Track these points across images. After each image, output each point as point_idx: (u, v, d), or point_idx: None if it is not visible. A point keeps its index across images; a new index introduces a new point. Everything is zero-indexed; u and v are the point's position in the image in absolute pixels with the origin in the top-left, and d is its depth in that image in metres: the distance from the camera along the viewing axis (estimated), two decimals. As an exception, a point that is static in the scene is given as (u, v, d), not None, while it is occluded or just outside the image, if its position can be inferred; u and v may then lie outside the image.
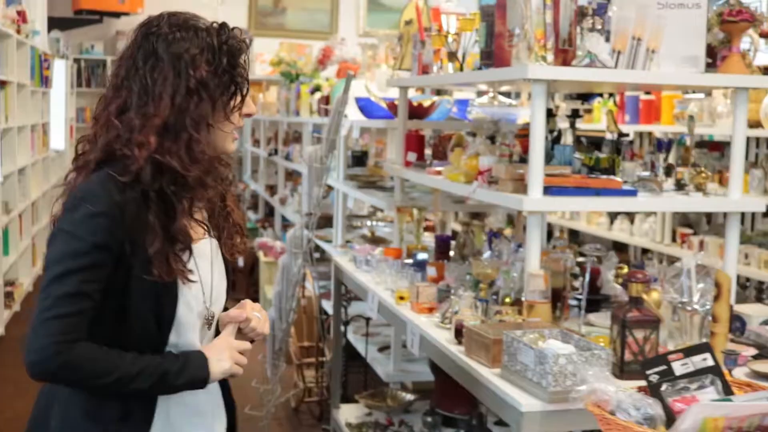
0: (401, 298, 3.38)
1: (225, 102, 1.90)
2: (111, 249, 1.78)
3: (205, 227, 1.99)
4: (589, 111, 7.46)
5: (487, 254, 3.58)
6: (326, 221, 7.33)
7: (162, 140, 1.82)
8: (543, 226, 3.09)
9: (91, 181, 1.83)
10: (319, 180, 4.38)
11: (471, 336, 2.68)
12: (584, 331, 2.92)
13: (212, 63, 1.86)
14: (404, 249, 4.08)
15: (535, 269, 2.88)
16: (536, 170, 2.85)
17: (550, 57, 2.86)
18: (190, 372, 1.87)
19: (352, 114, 5.75)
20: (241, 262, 8.27)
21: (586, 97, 6.82)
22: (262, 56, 13.22)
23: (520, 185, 2.99)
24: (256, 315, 2.04)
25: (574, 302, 3.27)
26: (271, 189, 10.01)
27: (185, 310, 1.90)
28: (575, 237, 8.02)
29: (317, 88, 7.29)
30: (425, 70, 3.98)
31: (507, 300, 3.06)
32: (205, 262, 1.95)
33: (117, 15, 12.34)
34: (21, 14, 8.01)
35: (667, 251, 6.46)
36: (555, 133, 3.70)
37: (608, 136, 3.94)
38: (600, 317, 3.13)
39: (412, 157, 4.15)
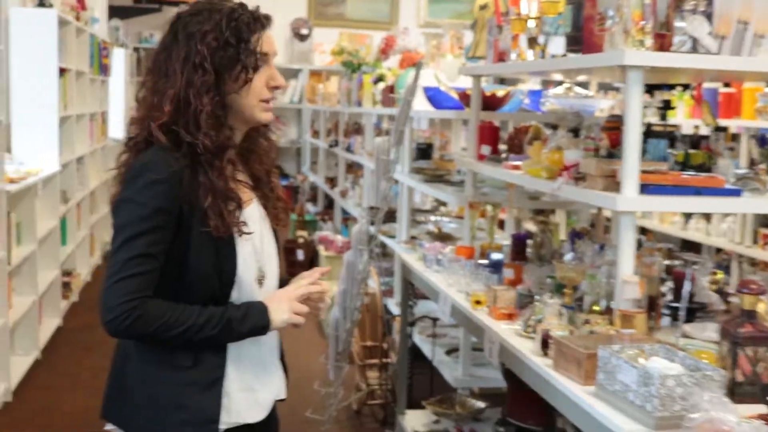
0: (477, 302, 3.15)
1: (237, 74, 2.04)
2: (171, 212, 1.97)
3: (252, 194, 2.17)
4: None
5: (569, 256, 3.32)
6: (388, 216, 7.11)
7: (174, 110, 2.02)
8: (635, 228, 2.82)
9: (147, 154, 2.02)
10: (386, 173, 4.16)
11: (560, 348, 2.44)
12: (682, 344, 2.65)
13: (219, 39, 2.02)
14: (477, 248, 3.84)
15: (629, 275, 2.62)
16: (631, 166, 2.60)
17: (648, 41, 2.60)
18: (253, 319, 2.03)
19: (418, 104, 5.52)
20: (300, 255, 8.09)
21: (654, 88, 6.48)
22: (322, 46, 13.06)
23: (612, 182, 2.73)
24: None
25: (665, 310, 3.02)
26: (331, 181, 9.83)
27: (244, 266, 2.07)
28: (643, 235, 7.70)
29: (380, 78, 7.07)
30: (501, 57, 3.73)
31: (595, 308, 2.81)
32: (254, 225, 2.11)
33: (176, 4, 12.23)
34: (80, 1, 7.91)
35: (747, 253, 6.14)
36: (644, 127, 3.42)
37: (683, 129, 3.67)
38: (696, 328, 2.85)
39: (486, 150, 3.91)
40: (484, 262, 3.60)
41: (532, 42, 3.47)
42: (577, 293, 3.01)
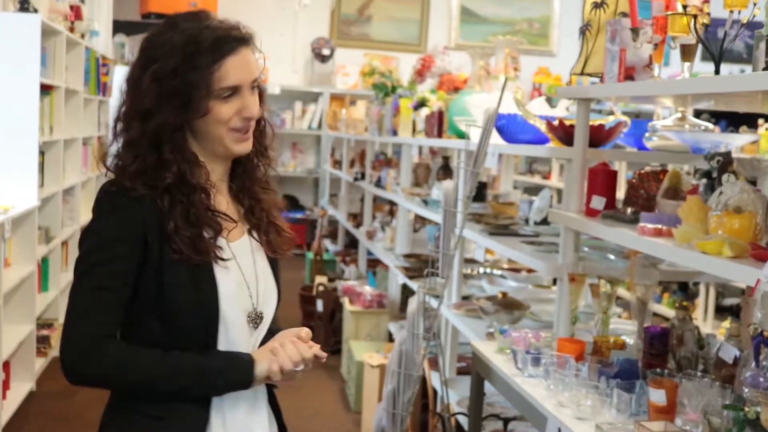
0: (624, 450, 2.02)
1: (194, 103, 1.85)
2: (132, 241, 1.81)
3: (243, 228, 2.00)
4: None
5: (747, 374, 2.20)
6: (427, 265, 6.00)
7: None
8: None
9: (111, 181, 1.89)
10: (452, 228, 3.06)
11: None
12: None
13: (168, 65, 1.85)
14: (587, 341, 2.72)
15: None
16: None
17: None
18: (233, 373, 1.83)
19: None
20: (320, 306, 6.96)
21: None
22: (345, 68, 12.03)
23: None
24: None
25: None
26: (354, 218, 8.73)
27: (228, 301, 1.87)
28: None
29: (422, 103, 5.97)
30: (629, 73, 2.64)
31: None
32: (247, 259, 1.96)
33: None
34: (74, 9, 6.85)
35: None
36: None
37: None
38: None
39: (599, 203, 2.80)
40: (608, 370, 2.47)
41: (689, 51, 2.37)
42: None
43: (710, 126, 3.74)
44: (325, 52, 11.86)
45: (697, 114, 7.00)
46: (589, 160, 2.96)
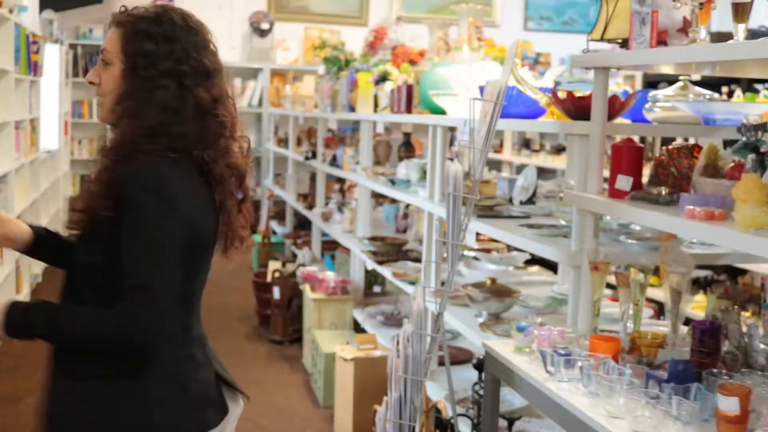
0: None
1: None
2: None
3: None
4: None
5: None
6: (395, 249, 5.69)
7: None
8: None
9: None
10: (459, 215, 2.75)
11: None
12: None
13: None
14: (623, 339, 2.44)
15: None
16: None
17: None
18: None
19: (457, 108, 4.13)
20: (277, 293, 6.60)
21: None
22: (284, 43, 11.60)
23: None
24: None
25: None
26: (305, 198, 8.37)
27: None
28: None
29: (384, 77, 5.63)
30: (662, 38, 2.35)
31: None
32: None
33: (119, -6, 10.69)
34: (2, -18, 6.34)
35: None
36: None
37: None
38: None
39: (625, 183, 2.51)
40: (658, 373, 2.19)
41: (743, 10, 2.09)
42: None
43: (716, 95, 3.49)
44: (264, 26, 11.43)
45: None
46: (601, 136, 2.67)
